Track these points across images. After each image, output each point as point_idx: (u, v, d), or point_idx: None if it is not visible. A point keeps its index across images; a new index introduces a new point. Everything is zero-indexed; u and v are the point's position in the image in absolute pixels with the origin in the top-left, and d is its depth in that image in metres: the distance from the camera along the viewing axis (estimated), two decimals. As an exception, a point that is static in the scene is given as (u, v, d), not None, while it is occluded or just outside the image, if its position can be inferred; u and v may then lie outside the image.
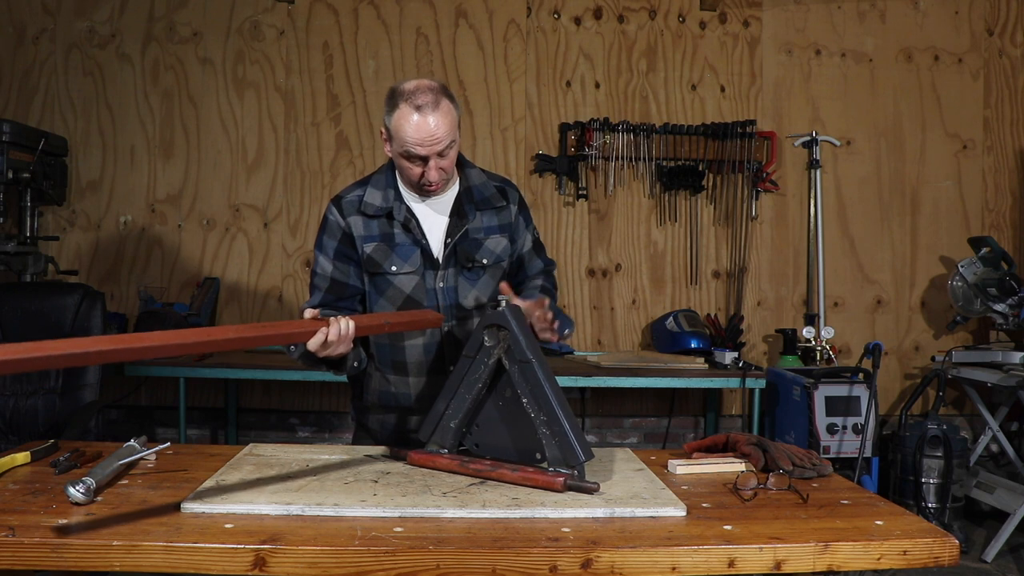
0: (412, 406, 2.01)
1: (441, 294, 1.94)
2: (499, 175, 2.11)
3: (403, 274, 1.93)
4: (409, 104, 1.79)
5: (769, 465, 1.73)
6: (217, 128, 4.09)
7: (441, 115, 1.80)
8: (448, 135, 1.82)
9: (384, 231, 1.93)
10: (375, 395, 2.04)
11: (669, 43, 4.20)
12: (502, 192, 2.03)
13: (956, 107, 4.28)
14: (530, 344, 1.64)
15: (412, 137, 1.79)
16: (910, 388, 4.23)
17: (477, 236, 1.97)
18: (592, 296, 4.19)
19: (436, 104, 1.80)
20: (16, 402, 2.97)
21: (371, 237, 1.93)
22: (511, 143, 4.15)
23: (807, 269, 4.22)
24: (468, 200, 1.97)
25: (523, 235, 2.08)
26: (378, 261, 1.93)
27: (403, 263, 1.92)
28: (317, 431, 4.09)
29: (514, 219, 2.04)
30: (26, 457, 1.69)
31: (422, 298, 1.94)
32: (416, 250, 1.93)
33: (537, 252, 2.13)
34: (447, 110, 1.82)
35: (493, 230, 2.00)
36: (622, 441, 4.21)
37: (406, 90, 1.82)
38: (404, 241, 1.93)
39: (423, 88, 1.81)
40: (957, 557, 1.36)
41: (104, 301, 3.11)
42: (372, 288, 1.96)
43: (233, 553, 1.25)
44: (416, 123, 1.78)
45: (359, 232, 1.93)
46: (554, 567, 1.26)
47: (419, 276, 1.93)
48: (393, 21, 4.12)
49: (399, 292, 1.94)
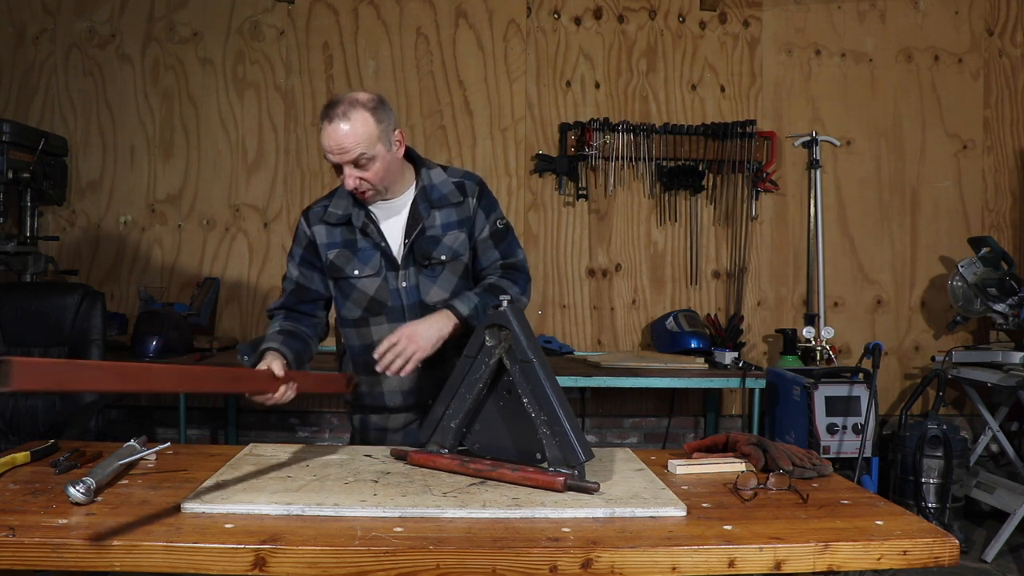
0: (387, 404, 2.07)
1: (404, 293, 2.00)
2: (462, 170, 2.12)
3: (365, 277, 2.00)
4: (324, 116, 1.88)
5: (769, 465, 1.73)
6: (217, 128, 4.09)
7: (351, 124, 1.84)
8: (356, 145, 1.85)
9: (346, 237, 2.01)
10: (357, 395, 2.10)
11: (669, 43, 4.20)
12: (460, 187, 2.05)
13: (956, 107, 4.28)
14: (531, 344, 1.64)
15: (325, 145, 1.88)
16: (910, 388, 4.23)
17: (434, 234, 2.01)
18: (592, 296, 4.19)
19: (346, 114, 1.85)
20: (16, 402, 2.97)
21: (333, 244, 2.02)
22: (511, 143, 4.15)
23: (807, 269, 4.22)
24: (423, 200, 2.01)
25: (481, 225, 2.05)
26: (340, 266, 2.02)
27: (364, 266, 2.00)
28: (317, 431, 4.09)
29: (472, 212, 2.05)
30: (26, 457, 1.69)
31: (386, 298, 2.00)
32: (376, 253, 2.00)
33: (495, 242, 2.07)
34: (358, 121, 1.85)
35: (451, 226, 2.02)
36: (622, 441, 4.21)
37: (329, 102, 1.90)
38: (365, 245, 2.01)
39: (345, 99, 1.87)
40: (957, 557, 1.36)
41: (104, 301, 3.11)
42: (338, 292, 2.05)
43: (233, 553, 1.25)
44: (325, 131, 1.87)
45: (322, 240, 2.03)
46: (554, 567, 1.26)
47: (380, 278, 2.00)
48: (393, 21, 4.12)
49: (363, 294, 2.01)
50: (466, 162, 4.13)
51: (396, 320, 1.98)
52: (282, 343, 1.88)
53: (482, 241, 2.06)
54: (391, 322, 1.99)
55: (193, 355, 3.60)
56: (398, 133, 1.93)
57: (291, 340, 1.92)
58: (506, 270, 2.08)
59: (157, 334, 3.51)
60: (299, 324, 2.00)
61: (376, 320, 2.02)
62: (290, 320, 2.01)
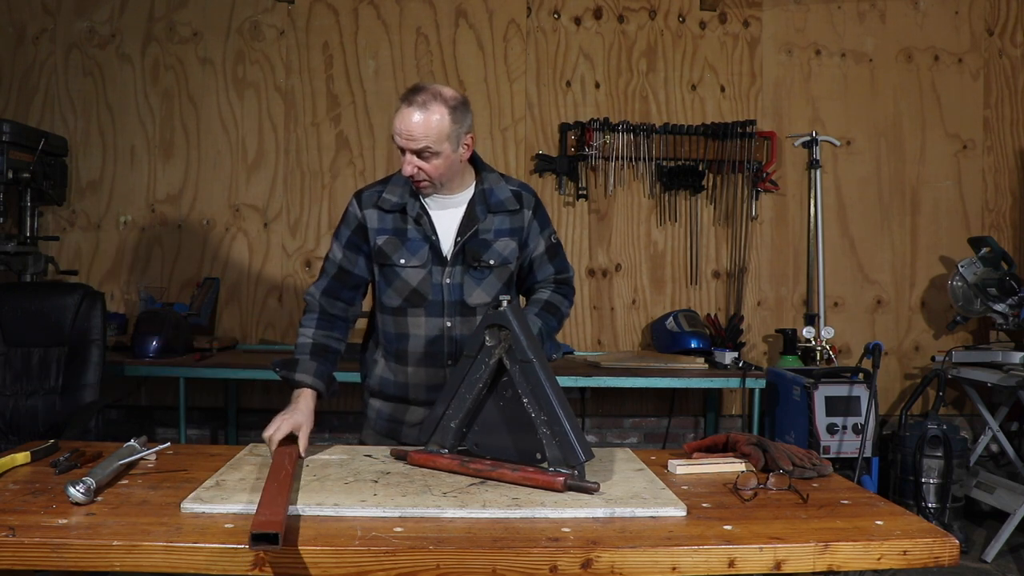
0: (407, 396, 2.08)
1: (447, 290, 2.00)
2: (519, 180, 2.16)
3: (410, 267, 2.00)
4: (403, 99, 1.89)
5: (769, 465, 1.73)
6: (217, 128, 4.09)
7: (425, 114, 1.86)
8: (424, 137, 1.86)
9: (397, 225, 2.01)
10: (377, 381, 2.13)
11: (669, 43, 4.20)
12: (517, 196, 2.08)
13: (956, 107, 4.28)
14: (531, 344, 1.64)
15: (395, 125, 1.89)
16: (910, 388, 4.22)
17: (486, 237, 2.02)
18: (592, 296, 4.19)
19: (425, 104, 1.86)
20: (16, 402, 2.97)
21: (384, 230, 2.01)
22: (511, 143, 4.15)
23: (807, 269, 4.22)
24: (481, 202, 2.03)
25: (536, 240, 2.11)
26: (388, 253, 2.01)
27: (411, 256, 2.00)
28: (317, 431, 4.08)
29: (527, 224, 2.07)
30: (26, 457, 1.69)
31: (427, 292, 2.00)
32: (425, 245, 2.00)
33: (550, 257, 2.15)
34: (435, 114, 1.86)
35: (503, 233, 2.04)
36: (622, 441, 4.21)
37: (416, 86, 1.91)
38: (415, 236, 2.00)
39: (430, 89, 1.89)
40: (957, 557, 1.36)
41: (104, 301, 3.11)
42: (382, 278, 2.05)
43: (233, 553, 1.25)
44: (400, 114, 1.88)
45: (373, 225, 2.02)
46: (554, 567, 1.26)
47: (426, 271, 2.00)
48: (393, 21, 4.12)
49: (406, 284, 2.01)
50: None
51: (434, 315, 2.00)
52: (315, 374, 1.93)
53: (538, 256, 2.12)
54: (429, 316, 2.01)
55: (193, 355, 3.60)
56: (469, 138, 1.95)
57: (323, 364, 1.96)
58: (559, 284, 2.16)
59: (157, 334, 3.51)
60: (332, 329, 2.02)
61: (414, 312, 2.02)
62: (325, 323, 2.01)
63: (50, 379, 3.00)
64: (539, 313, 2.07)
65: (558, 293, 2.15)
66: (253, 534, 1.19)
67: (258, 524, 1.21)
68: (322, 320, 2.02)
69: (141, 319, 3.62)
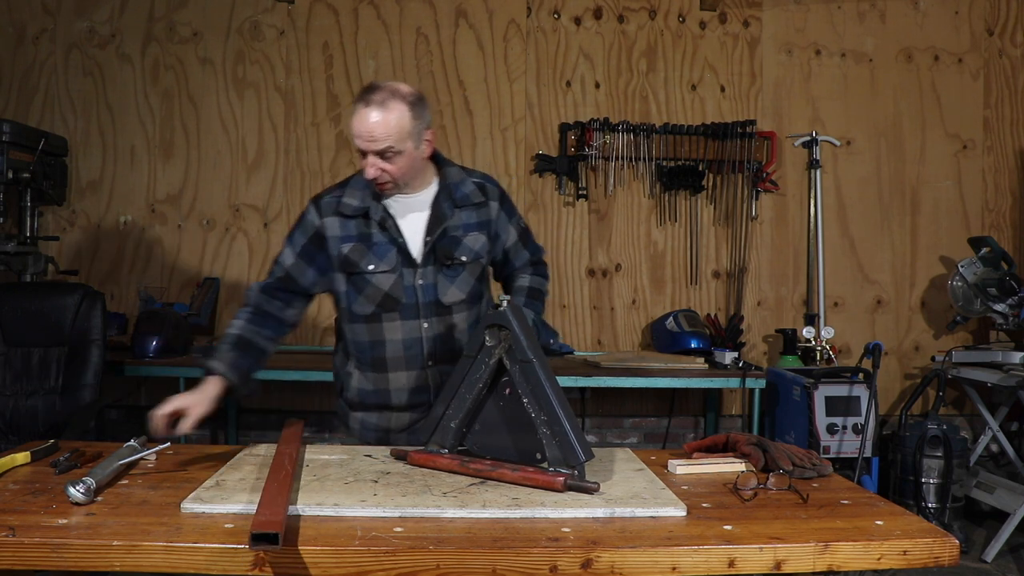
0: (392, 403, 2.04)
1: (420, 291, 1.96)
2: (479, 172, 2.11)
3: (380, 272, 1.95)
4: (360, 100, 1.84)
5: (769, 465, 1.73)
6: (217, 128, 4.09)
7: (384, 113, 1.82)
8: (386, 137, 1.83)
9: (361, 231, 1.96)
10: (355, 393, 2.07)
11: (669, 43, 4.20)
12: (481, 189, 2.04)
13: (956, 107, 4.28)
14: (531, 344, 1.64)
15: (354, 128, 1.85)
16: (910, 388, 4.22)
17: (456, 234, 1.98)
18: (592, 296, 4.19)
19: (384, 103, 1.82)
20: (16, 402, 2.97)
21: (348, 237, 1.96)
22: (511, 143, 4.15)
23: (807, 269, 4.22)
24: (447, 198, 1.99)
25: (506, 229, 2.08)
26: (355, 261, 1.96)
27: (380, 261, 1.95)
28: (317, 431, 4.09)
29: (495, 215, 2.05)
30: (26, 457, 1.69)
31: (400, 295, 1.96)
32: (393, 248, 1.95)
33: (524, 243, 2.15)
34: (394, 112, 1.82)
35: (472, 227, 2.01)
36: (622, 441, 4.21)
37: (371, 85, 1.87)
38: (381, 240, 1.95)
39: (386, 87, 1.85)
40: (957, 557, 1.36)
41: (104, 301, 3.11)
42: (351, 287, 1.99)
43: (233, 553, 1.25)
44: (359, 115, 1.84)
45: (335, 233, 1.96)
46: (554, 567, 1.26)
47: (396, 274, 1.95)
48: (393, 21, 4.12)
49: (377, 290, 1.96)
50: (466, 162, 4.13)
51: (410, 317, 1.97)
52: (229, 364, 1.88)
53: (512, 245, 2.11)
54: (404, 319, 1.97)
55: (193, 355, 3.59)
56: (430, 133, 1.92)
57: (243, 357, 1.91)
58: (535, 267, 2.18)
59: (157, 334, 3.51)
60: (262, 326, 1.97)
61: (389, 317, 1.97)
62: (256, 318, 1.98)
63: (50, 379, 3.00)
64: (527, 303, 2.06)
65: (537, 275, 2.15)
66: (253, 534, 1.19)
67: (258, 524, 1.21)
68: (255, 315, 1.98)
69: (141, 319, 3.62)
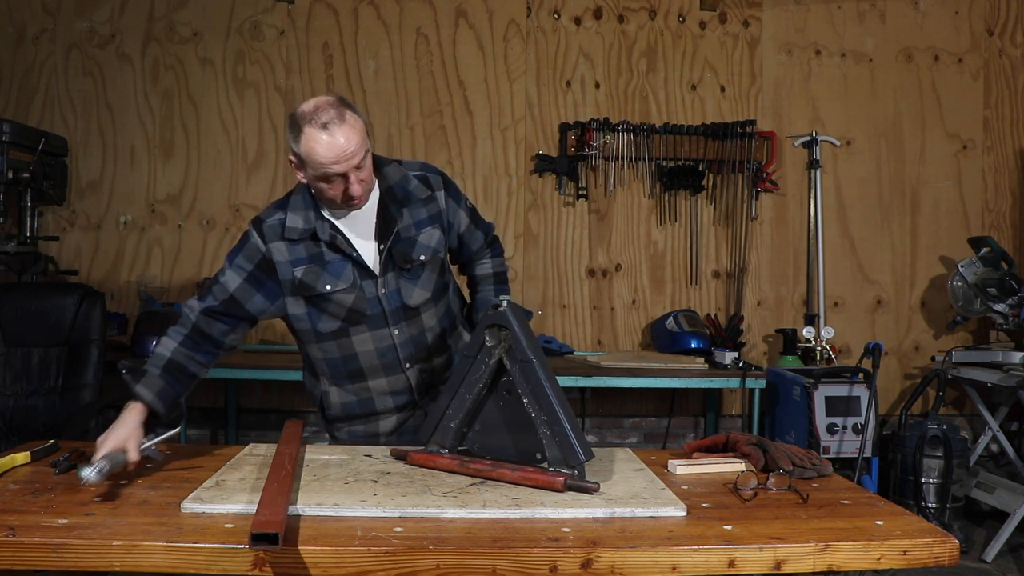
0: (377, 409, 2.02)
1: (385, 300, 1.91)
2: (416, 162, 2.02)
3: (339, 291, 1.87)
4: (314, 125, 1.72)
5: (769, 465, 1.73)
6: (217, 128, 4.09)
7: (348, 128, 1.73)
8: (361, 147, 1.75)
9: (312, 252, 1.87)
10: (339, 409, 2.04)
11: (669, 43, 4.20)
12: (424, 181, 1.96)
13: (956, 107, 4.28)
14: (531, 344, 1.64)
15: (326, 157, 1.72)
16: (910, 388, 4.22)
17: (408, 234, 1.92)
18: (592, 296, 4.19)
19: (341, 118, 1.72)
20: (16, 402, 2.97)
21: (299, 260, 1.87)
22: (511, 143, 4.15)
23: (807, 269, 4.22)
24: (392, 200, 1.90)
25: (457, 216, 2.02)
26: (311, 284, 1.87)
27: (336, 280, 1.87)
28: (317, 431, 4.08)
29: (444, 205, 1.98)
30: (26, 457, 1.69)
31: (365, 308, 1.90)
32: (347, 264, 1.87)
33: (476, 224, 2.08)
34: (353, 121, 1.75)
35: (424, 223, 1.94)
36: (622, 441, 4.21)
37: (306, 112, 1.75)
38: (333, 258, 1.87)
39: (323, 105, 1.74)
40: (957, 557, 1.36)
41: (104, 301, 3.12)
42: (311, 308, 1.90)
43: (233, 553, 1.25)
44: (327, 143, 1.71)
45: (283, 258, 1.87)
46: (554, 567, 1.26)
47: (356, 289, 1.88)
48: (393, 21, 4.12)
49: (340, 307, 1.89)
50: (466, 162, 4.13)
51: (378, 327, 1.91)
52: (158, 394, 1.78)
53: (467, 230, 2.05)
54: (373, 329, 1.92)
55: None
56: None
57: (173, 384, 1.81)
58: (491, 247, 2.15)
59: (157, 334, 3.46)
60: (197, 351, 1.87)
61: (357, 329, 1.91)
62: (192, 342, 1.86)
63: (50, 379, 3.01)
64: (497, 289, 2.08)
65: (496, 257, 2.13)
66: (253, 534, 1.19)
67: (258, 524, 1.21)
68: (191, 338, 1.87)
69: (141, 319, 3.62)
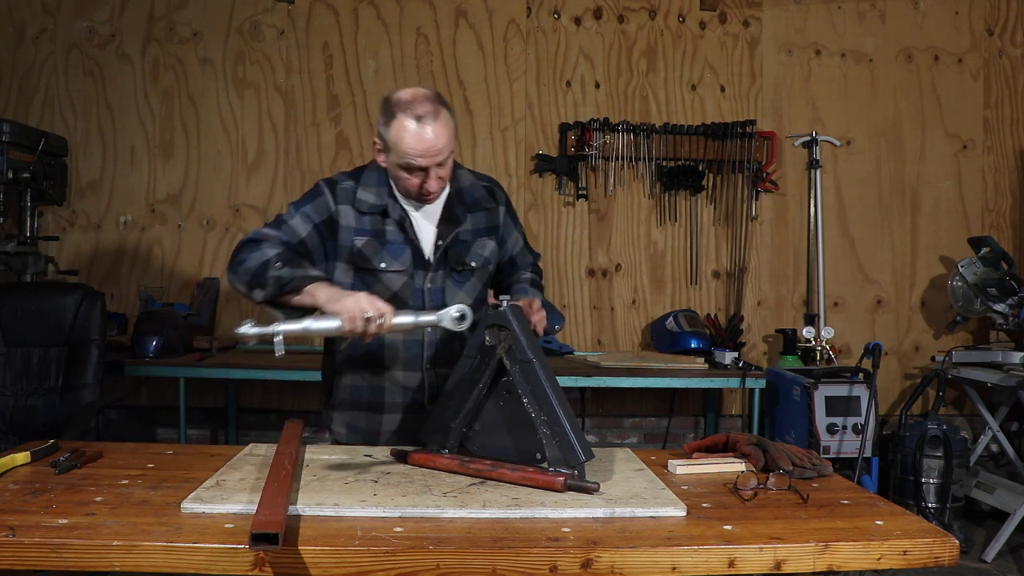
0: (385, 402, 2.00)
1: (428, 295, 1.94)
2: (485, 175, 2.09)
3: (392, 272, 1.91)
4: (408, 114, 1.77)
5: (769, 465, 1.73)
6: (217, 128, 4.09)
7: (441, 125, 1.79)
8: (448, 146, 1.81)
9: (376, 227, 1.92)
10: (347, 392, 2.03)
11: (669, 43, 4.20)
12: (491, 193, 2.04)
13: (956, 107, 4.28)
14: (531, 344, 1.64)
15: (413, 148, 1.78)
16: (910, 388, 4.22)
17: (466, 239, 1.97)
18: (592, 296, 4.19)
19: (436, 114, 1.78)
20: (16, 402, 2.97)
21: (362, 231, 1.91)
22: (511, 143, 4.15)
23: (807, 269, 4.22)
24: (459, 202, 1.97)
25: (512, 235, 2.09)
26: (368, 256, 1.91)
27: (393, 260, 1.91)
28: (317, 431, 4.08)
29: (502, 220, 2.05)
30: (26, 457, 1.69)
31: (408, 297, 1.93)
32: (407, 249, 1.92)
33: (528, 249, 2.18)
34: (446, 120, 1.80)
35: (481, 232, 2.00)
36: (622, 441, 4.21)
37: (403, 100, 1.79)
38: (396, 239, 1.92)
39: (420, 98, 1.79)
40: (957, 557, 1.36)
41: (104, 301, 3.11)
42: (358, 282, 1.92)
43: (233, 553, 1.25)
44: (416, 134, 1.77)
45: (348, 223, 1.91)
46: (554, 567, 1.26)
47: (408, 276, 1.92)
48: (393, 21, 4.12)
49: (386, 289, 1.91)
50: (466, 162, 4.12)
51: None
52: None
53: (520, 252, 2.13)
54: None
55: (193, 355, 3.60)
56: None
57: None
58: (534, 268, 2.20)
59: (157, 334, 3.51)
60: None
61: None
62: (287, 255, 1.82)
63: (50, 379, 3.01)
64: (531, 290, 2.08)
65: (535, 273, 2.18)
66: (253, 534, 1.19)
67: (258, 524, 1.21)
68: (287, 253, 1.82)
69: (141, 319, 3.62)
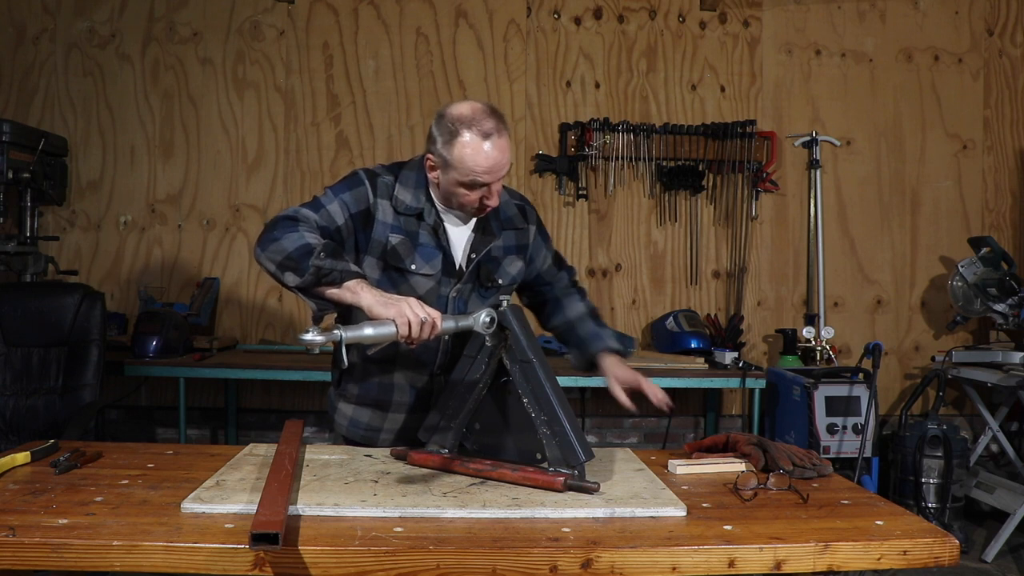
0: (392, 400, 1.99)
1: (452, 303, 1.92)
2: (517, 192, 2.10)
3: (422, 275, 1.89)
4: (474, 131, 1.75)
5: (769, 465, 1.73)
6: (217, 128, 4.09)
7: (505, 142, 1.79)
8: (508, 160, 1.82)
9: (410, 228, 1.88)
10: (355, 386, 2.02)
11: (669, 43, 4.20)
12: (523, 212, 2.03)
13: (956, 107, 4.28)
14: (531, 344, 1.64)
15: (480, 166, 1.76)
16: (910, 388, 4.22)
17: (497, 255, 1.97)
18: (592, 296, 4.12)
19: (500, 131, 1.78)
20: (16, 402, 2.97)
21: (397, 229, 1.87)
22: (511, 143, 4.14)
23: (807, 269, 4.22)
24: (495, 219, 1.95)
25: (541, 254, 2.09)
26: (401, 255, 1.87)
27: (424, 264, 1.88)
28: (317, 431, 4.09)
29: (532, 240, 2.04)
30: (26, 457, 1.69)
31: (432, 302, 1.87)
32: (439, 254, 1.89)
33: (559, 266, 2.16)
34: (507, 135, 1.81)
35: (511, 250, 1.99)
36: (622, 441, 4.21)
37: (464, 116, 1.77)
38: (428, 243, 1.89)
39: (480, 113, 1.77)
40: (957, 557, 1.36)
41: (104, 301, 3.11)
42: (386, 280, 1.88)
43: (233, 553, 1.25)
44: (484, 151, 1.75)
45: (385, 219, 1.87)
46: (554, 567, 1.26)
47: (435, 281, 1.90)
48: (393, 21, 4.12)
49: (412, 290, 1.88)
50: (466, 162, 4.13)
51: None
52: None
53: (548, 269, 2.12)
54: None
55: (193, 355, 3.60)
56: None
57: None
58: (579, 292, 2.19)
59: (157, 334, 3.51)
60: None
61: None
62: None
63: (50, 379, 3.01)
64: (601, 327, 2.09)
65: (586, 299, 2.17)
66: (253, 534, 1.19)
67: (258, 524, 1.21)
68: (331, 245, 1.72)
69: (141, 319, 3.62)
